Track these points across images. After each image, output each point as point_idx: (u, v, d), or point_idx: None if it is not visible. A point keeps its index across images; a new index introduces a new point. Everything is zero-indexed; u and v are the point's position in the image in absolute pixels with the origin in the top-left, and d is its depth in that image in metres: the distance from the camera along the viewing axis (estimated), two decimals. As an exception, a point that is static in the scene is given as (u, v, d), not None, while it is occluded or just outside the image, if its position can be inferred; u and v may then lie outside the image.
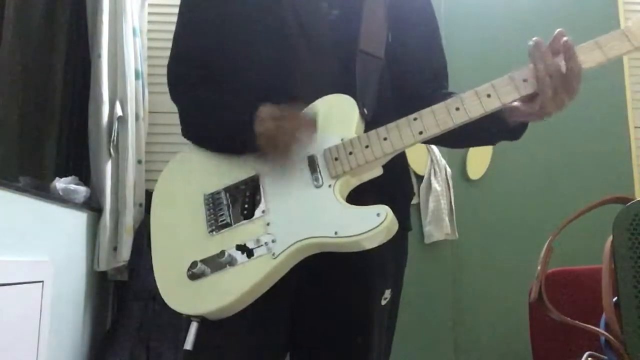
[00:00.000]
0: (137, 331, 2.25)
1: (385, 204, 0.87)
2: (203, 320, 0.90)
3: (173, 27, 1.13)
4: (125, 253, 2.26)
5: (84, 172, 2.35)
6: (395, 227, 0.87)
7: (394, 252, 1.03)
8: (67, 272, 2.02)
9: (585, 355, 1.07)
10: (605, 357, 1.01)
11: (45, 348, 1.74)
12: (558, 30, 0.90)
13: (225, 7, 1.06)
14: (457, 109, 0.91)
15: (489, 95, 0.90)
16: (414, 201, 2.60)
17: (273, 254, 0.89)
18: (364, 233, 0.85)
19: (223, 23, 1.06)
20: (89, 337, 2.24)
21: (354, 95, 0.97)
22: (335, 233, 0.86)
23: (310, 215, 0.90)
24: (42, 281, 1.73)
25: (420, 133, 0.91)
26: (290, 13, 1.02)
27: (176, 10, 1.13)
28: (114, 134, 2.28)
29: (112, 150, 2.27)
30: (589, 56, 0.89)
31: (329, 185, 0.91)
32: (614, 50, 0.88)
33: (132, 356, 2.20)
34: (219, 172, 0.99)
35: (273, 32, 1.02)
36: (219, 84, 1.05)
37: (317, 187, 0.92)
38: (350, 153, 0.92)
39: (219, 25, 1.06)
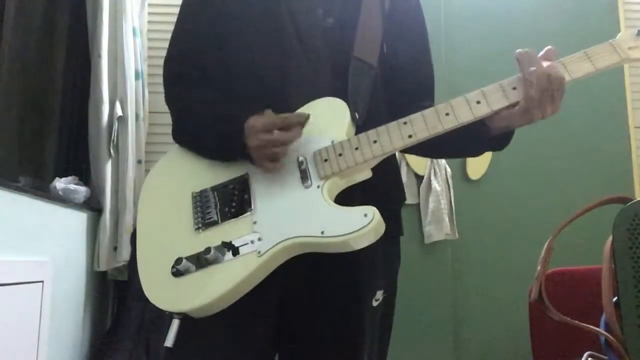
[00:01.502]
0: (137, 331, 2.25)
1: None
2: (185, 318, 0.89)
3: (173, 27, 1.13)
4: (125, 253, 2.26)
5: (84, 172, 2.35)
6: (382, 228, 0.87)
7: (384, 254, 1.03)
8: (67, 272, 2.02)
9: (585, 355, 1.07)
10: (605, 357, 1.01)
11: (45, 348, 1.74)
12: (548, 47, 0.94)
13: (223, 11, 1.06)
14: (447, 114, 0.92)
15: (478, 102, 0.92)
16: (414, 201, 2.60)
17: (259, 252, 0.89)
18: (350, 233, 0.85)
19: (221, 26, 1.06)
20: (89, 337, 2.24)
21: (345, 100, 0.98)
22: (322, 233, 0.87)
23: (298, 215, 0.90)
24: (42, 281, 1.73)
25: (410, 137, 0.93)
26: (287, 18, 1.03)
27: (176, 10, 1.13)
28: (114, 134, 2.28)
29: (112, 150, 2.28)
30: (578, 66, 0.91)
31: (318, 186, 0.92)
32: (602, 62, 0.91)
33: (132, 356, 2.20)
34: (208, 171, 1.00)
35: (269, 37, 1.03)
36: (214, 87, 1.06)
37: (306, 187, 0.92)
38: (340, 155, 0.93)
39: (217, 28, 1.06)
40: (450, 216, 2.59)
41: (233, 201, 0.95)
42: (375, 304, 1.02)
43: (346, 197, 0.94)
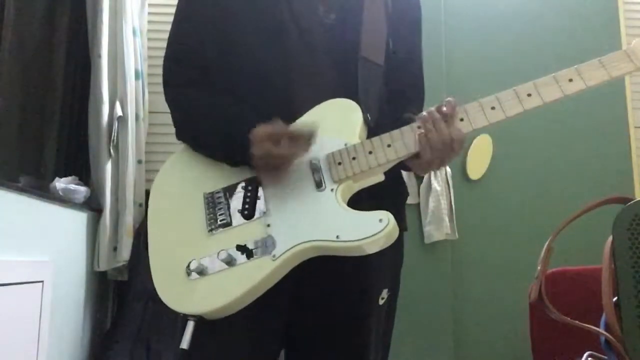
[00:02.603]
0: (137, 331, 2.25)
1: (380, 205, 0.87)
2: (200, 320, 0.89)
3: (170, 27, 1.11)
4: (125, 253, 2.27)
5: (84, 172, 2.35)
6: (396, 233, 0.87)
7: (390, 252, 1.03)
8: (67, 272, 2.02)
9: (585, 355, 1.07)
10: (605, 357, 1.01)
11: (45, 348, 1.74)
12: (448, 99, 0.93)
13: (222, 9, 1.05)
14: (462, 119, 0.92)
15: (493, 108, 0.91)
16: (414, 201, 2.60)
17: (273, 256, 0.88)
18: (365, 238, 0.85)
19: (220, 25, 1.05)
20: (89, 337, 2.24)
21: (356, 101, 0.97)
22: (337, 237, 0.86)
23: (312, 218, 0.90)
24: (42, 281, 1.73)
25: None
26: (287, 16, 1.02)
27: (176, 10, 1.12)
28: (114, 134, 2.28)
29: (112, 150, 2.28)
30: (593, 74, 0.90)
31: (332, 190, 0.91)
32: (617, 70, 0.90)
33: (132, 356, 2.20)
34: (220, 171, 0.99)
35: (270, 35, 1.02)
36: (217, 87, 1.04)
37: (319, 190, 0.91)
38: (354, 158, 0.92)
39: (216, 28, 1.05)
40: (450, 216, 2.59)
41: (246, 203, 0.94)
42: (381, 302, 1.03)
43: (353, 194, 0.94)
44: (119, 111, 2.29)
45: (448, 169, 2.63)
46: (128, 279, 2.36)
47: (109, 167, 2.26)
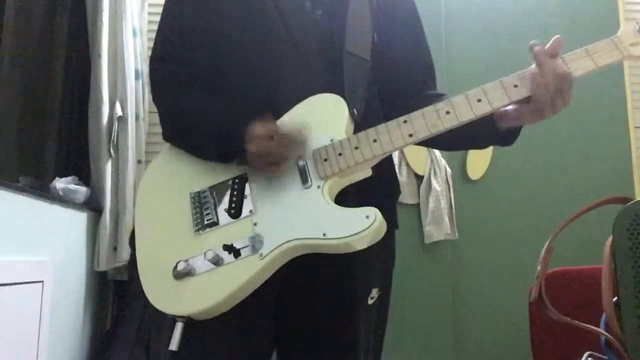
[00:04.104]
0: (137, 331, 2.25)
1: (369, 204, 0.87)
2: (189, 321, 0.89)
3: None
4: (125, 253, 2.26)
5: (84, 172, 2.34)
6: (384, 229, 0.87)
7: (380, 251, 1.01)
8: (67, 272, 2.02)
9: (585, 355, 1.07)
10: (605, 357, 1.01)
11: (45, 348, 1.74)
12: (557, 36, 0.92)
13: (208, 8, 1.05)
14: (448, 112, 0.91)
15: (479, 100, 0.91)
16: (414, 201, 2.60)
17: (260, 255, 0.88)
18: (352, 235, 0.84)
19: (207, 24, 1.05)
20: (89, 337, 2.24)
21: (342, 96, 0.96)
22: (324, 235, 0.86)
23: (299, 216, 0.89)
24: (42, 281, 1.73)
25: (410, 136, 0.91)
26: (273, 12, 1.02)
27: (176, 10, 1.12)
28: (114, 134, 2.28)
29: (112, 150, 2.28)
30: (579, 64, 0.90)
31: (318, 186, 0.90)
32: (604, 59, 0.89)
33: (132, 356, 2.20)
34: (206, 170, 0.98)
35: (257, 32, 1.02)
36: (203, 85, 1.04)
37: (306, 187, 0.91)
38: (340, 154, 0.91)
39: (203, 26, 1.05)
40: (450, 216, 2.59)
41: (232, 202, 0.93)
42: (370, 302, 1.02)
43: (341, 193, 0.93)
44: (119, 111, 2.29)
45: (448, 169, 2.63)
46: (128, 279, 2.36)
47: (109, 167, 2.26)
